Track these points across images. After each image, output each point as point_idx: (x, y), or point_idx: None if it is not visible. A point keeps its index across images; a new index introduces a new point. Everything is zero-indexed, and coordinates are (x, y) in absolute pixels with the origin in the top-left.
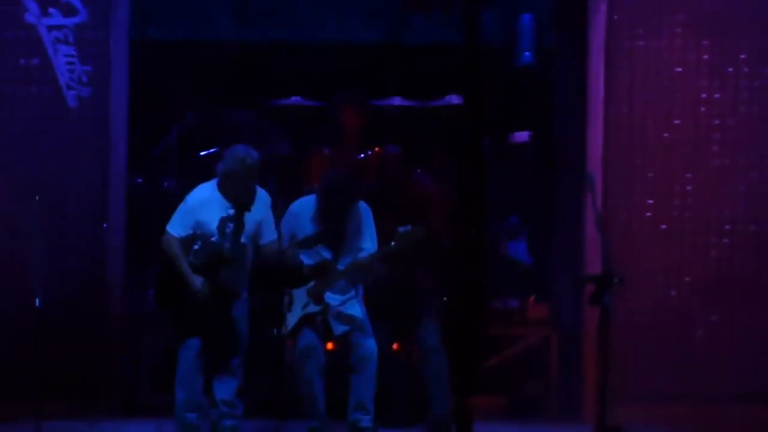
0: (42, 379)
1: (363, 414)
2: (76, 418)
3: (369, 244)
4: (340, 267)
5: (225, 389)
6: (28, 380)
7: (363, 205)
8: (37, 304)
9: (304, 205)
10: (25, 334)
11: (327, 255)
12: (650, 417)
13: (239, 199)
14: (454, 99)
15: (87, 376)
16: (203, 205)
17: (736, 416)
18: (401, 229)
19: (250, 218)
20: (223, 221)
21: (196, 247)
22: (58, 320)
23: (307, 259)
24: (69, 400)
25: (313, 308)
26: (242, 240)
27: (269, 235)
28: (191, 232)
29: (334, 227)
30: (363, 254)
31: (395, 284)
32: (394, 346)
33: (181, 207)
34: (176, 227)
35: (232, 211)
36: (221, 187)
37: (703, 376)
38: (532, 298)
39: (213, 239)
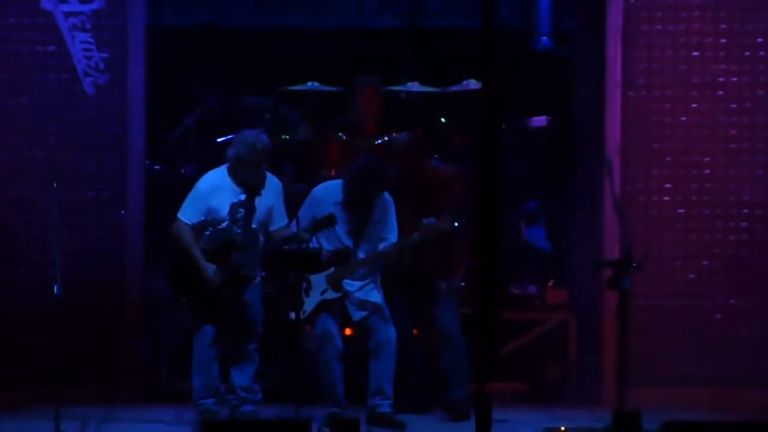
0: (61, 366)
1: (382, 399)
2: (95, 405)
3: (391, 234)
4: (361, 255)
5: (243, 375)
6: (47, 366)
7: (387, 195)
8: (56, 291)
9: (328, 190)
10: (44, 321)
11: (348, 242)
12: (669, 400)
13: (250, 184)
14: (472, 84)
15: (106, 362)
16: (214, 191)
17: (755, 399)
18: (426, 221)
19: (261, 204)
20: (234, 207)
21: (207, 233)
22: (77, 307)
23: (327, 245)
24: (88, 386)
25: (331, 294)
26: (253, 225)
27: (280, 221)
28: (203, 218)
29: (358, 214)
30: (384, 244)
31: (413, 268)
32: (413, 330)
33: (192, 193)
34: (187, 214)
35: (243, 197)
36: (232, 173)
37: (722, 360)
38: (551, 283)
39: (224, 225)
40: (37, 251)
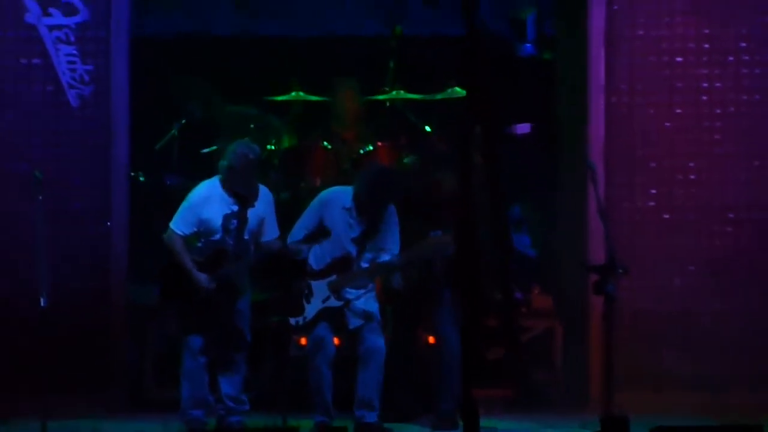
0: (46, 376)
1: (368, 410)
2: (81, 415)
3: (393, 245)
4: (364, 264)
5: (231, 384)
6: (32, 377)
7: (392, 208)
8: (42, 303)
9: (337, 194)
10: (30, 331)
11: (352, 249)
12: (656, 405)
13: (242, 195)
14: (456, 90)
15: (92, 371)
16: (206, 202)
17: (743, 402)
18: (433, 234)
19: (253, 215)
20: (227, 218)
21: (199, 244)
22: (63, 317)
23: (330, 252)
24: (73, 397)
25: (333, 302)
26: (245, 236)
27: (271, 233)
28: (195, 229)
29: (366, 222)
30: (386, 255)
31: (420, 276)
32: (407, 336)
33: (184, 204)
34: (180, 224)
35: (235, 207)
36: (224, 184)
37: (708, 363)
38: (536, 290)
39: (217, 236)
40: (22, 262)
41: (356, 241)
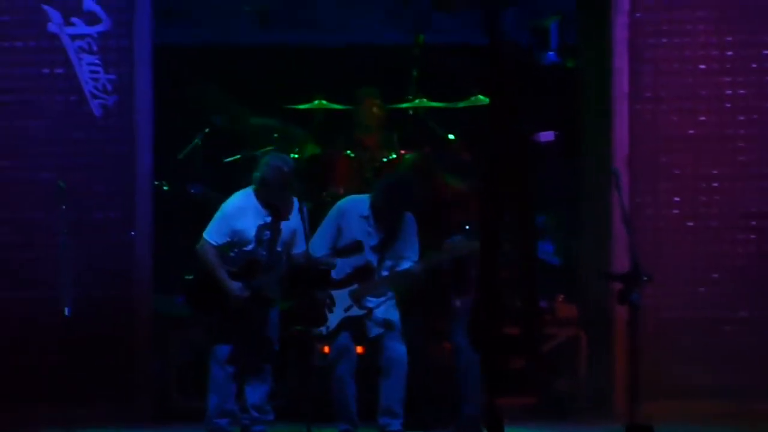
0: (71, 386)
1: (391, 418)
2: (105, 425)
3: (412, 253)
4: (384, 272)
5: (256, 394)
6: (57, 386)
7: (410, 216)
8: (66, 312)
9: (355, 203)
10: (54, 341)
11: (372, 258)
12: (681, 413)
13: (275, 206)
14: (479, 98)
15: (116, 381)
16: (240, 212)
17: (767, 411)
18: (449, 240)
19: (286, 226)
20: (261, 229)
21: (232, 254)
22: (87, 327)
23: (351, 260)
24: (98, 406)
25: (356, 312)
26: (278, 248)
27: (302, 245)
28: (228, 239)
29: (385, 230)
30: (406, 263)
31: (428, 284)
32: (429, 346)
33: (218, 214)
34: (213, 234)
35: (269, 219)
36: (258, 195)
37: (733, 372)
38: (560, 298)
39: (250, 247)
40: (46, 272)
41: (375, 249)
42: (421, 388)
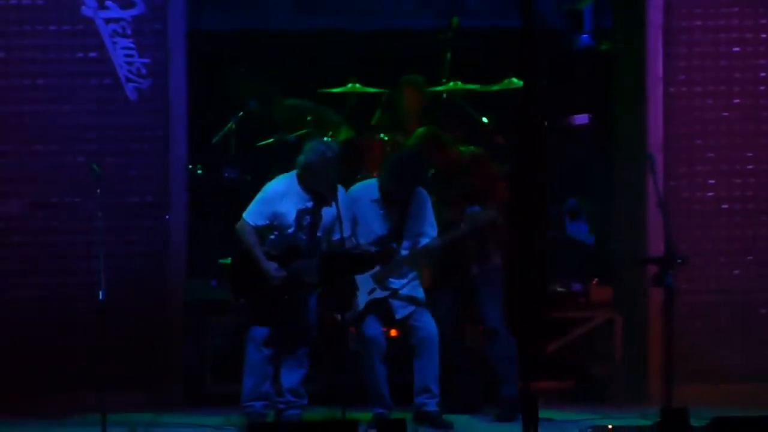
0: (106, 371)
1: (428, 398)
2: (140, 410)
3: (430, 228)
4: (404, 251)
5: (292, 378)
6: (92, 372)
7: (422, 191)
8: (100, 297)
9: (364, 188)
10: (89, 325)
11: (389, 240)
12: (716, 397)
13: (318, 192)
14: (513, 81)
15: (151, 366)
16: (282, 196)
17: None
18: (469, 210)
19: (328, 212)
20: (301, 213)
21: (272, 237)
22: (121, 311)
23: (372, 246)
24: (133, 392)
25: (379, 293)
26: (318, 233)
27: (343, 232)
28: (267, 222)
29: (395, 210)
30: (425, 239)
31: (456, 264)
32: (460, 328)
33: (260, 196)
34: (253, 216)
35: (310, 204)
36: (301, 180)
37: None
38: (595, 281)
39: (290, 231)
40: (80, 257)
41: (391, 230)
42: (458, 371)
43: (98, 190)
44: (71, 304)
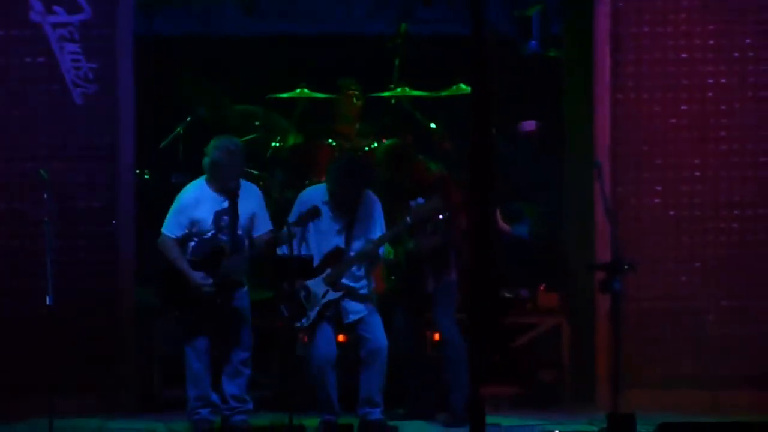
0: (54, 376)
1: (371, 407)
2: (90, 416)
3: (379, 231)
4: (352, 253)
5: (234, 384)
6: (40, 377)
7: (371, 194)
8: (48, 301)
9: (315, 191)
10: (37, 332)
11: (339, 242)
12: (662, 403)
13: (229, 190)
14: (461, 87)
15: (100, 372)
16: (196, 202)
17: (749, 400)
18: (413, 203)
19: (243, 211)
20: (218, 214)
21: (192, 244)
22: (69, 317)
23: (319, 247)
24: (82, 397)
25: (333, 295)
26: (238, 231)
27: (263, 227)
28: (186, 231)
29: (344, 212)
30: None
31: (411, 272)
32: (414, 334)
33: (174, 207)
34: (171, 228)
35: (225, 204)
36: (210, 181)
37: (714, 361)
38: (542, 287)
39: (209, 235)
40: (28, 262)
41: (341, 232)
42: (411, 378)
43: (45, 196)
44: (20, 309)
